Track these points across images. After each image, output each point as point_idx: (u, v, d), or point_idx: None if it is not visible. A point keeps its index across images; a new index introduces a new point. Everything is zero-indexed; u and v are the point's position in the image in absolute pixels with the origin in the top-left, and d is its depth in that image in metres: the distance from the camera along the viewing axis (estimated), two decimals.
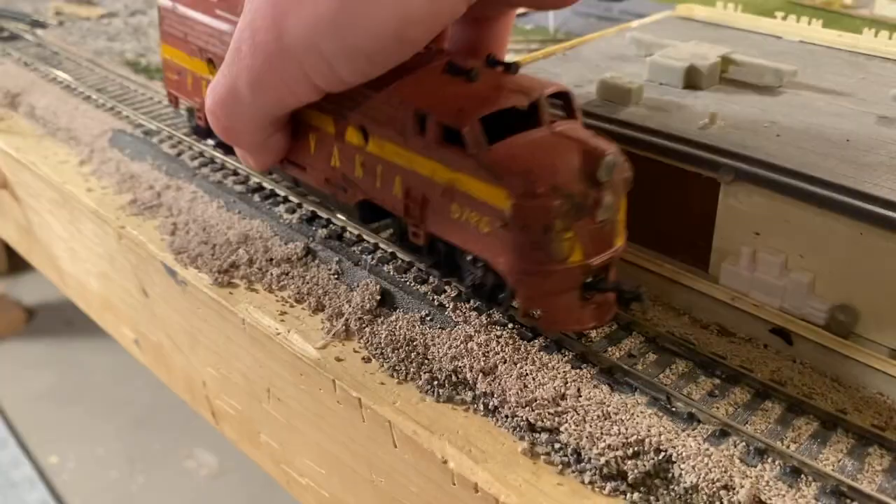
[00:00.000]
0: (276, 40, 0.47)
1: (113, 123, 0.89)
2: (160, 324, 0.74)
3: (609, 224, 0.48)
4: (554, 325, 0.50)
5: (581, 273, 0.48)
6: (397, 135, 0.52)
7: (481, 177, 0.47)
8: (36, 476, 1.64)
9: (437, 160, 0.50)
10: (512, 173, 0.46)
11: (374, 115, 0.53)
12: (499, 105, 0.49)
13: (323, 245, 0.63)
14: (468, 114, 0.48)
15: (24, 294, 2.19)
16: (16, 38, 1.22)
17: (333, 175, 0.59)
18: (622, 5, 1.35)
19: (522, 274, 0.48)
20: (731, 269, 0.55)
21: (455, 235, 0.51)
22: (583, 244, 0.47)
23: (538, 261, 0.47)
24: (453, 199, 0.50)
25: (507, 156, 0.47)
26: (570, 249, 0.47)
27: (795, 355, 0.52)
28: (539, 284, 0.48)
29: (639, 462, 0.43)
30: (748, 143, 0.55)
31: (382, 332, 0.54)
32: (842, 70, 0.70)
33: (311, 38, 0.45)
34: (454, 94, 0.50)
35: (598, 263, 0.48)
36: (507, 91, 0.50)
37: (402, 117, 0.51)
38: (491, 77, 0.52)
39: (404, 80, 0.52)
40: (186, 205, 0.71)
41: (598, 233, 0.48)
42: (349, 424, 0.53)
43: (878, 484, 0.42)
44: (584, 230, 0.47)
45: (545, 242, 0.46)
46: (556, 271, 0.47)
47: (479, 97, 0.49)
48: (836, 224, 0.50)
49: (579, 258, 0.47)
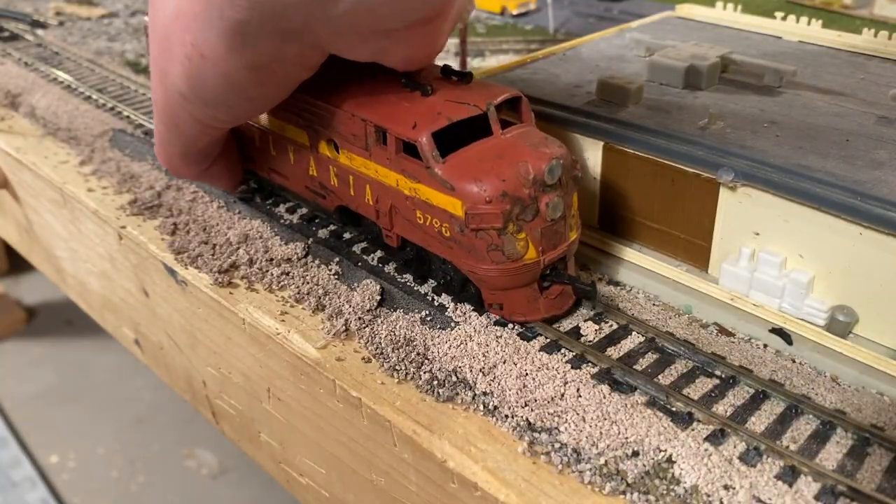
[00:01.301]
0: (163, 90, 0.53)
1: (113, 123, 0.89)
2: (160, 324, 0.74)
3: (560, 222, 0.52)
4: (516, 317, 0.54)
5: (536, 269, 0.52)
6: (362, 149, 0.56)
7: (437, 188, 0.51)
8: (36, 476, 1.64)
9: (399, 172, 0.54)
10: (464, 184, 0.50)
11: (340, 130, 0.57)
12: (451, 118, 0.52)
13: (323, 245, 0.63)
14: (421, 130, 0.51)
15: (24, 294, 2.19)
16: (16, 39, 1.22)
17: (312, 183, 0.63)
18: (622, 5, 1.35)
19: (482, 273, 0.52)
20: (731, 269, 0.55)
21: (422, 239, 0.55)
22: (536, 243, 0.51)
23: (495, 261, 0.51)
24: (416, 207, 0.53)
25: (459, 167, 0.50)
26: (524, 248, 0.51)
27: (795, 355, 0.52)
28: (498, 281, 0.52)
29: (638, 462, 0.43)
30: (748, 143, 0.55)
31: (382, 332, 0.54)
32: (842, 70, 0.70)
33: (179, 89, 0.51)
34: (410, 110, 0.53)
35: (552, 258, 0.52)
36: (460, 103, 0.53)
37: (364, 133, 0.55)
38: (445, 89, 0.54)
39: (366, 97, 0.55)
40: (187, 205, 0.71)
41: (549, 230, 0.51)
42: (349, 424, 0.53)
43: (878, 484, 0.42)
44: (535, 230, 0.51)
45: (500, 244, 0.50)
46: (513, 269, 0.51)
47: (433, 112, 0.52)
48: (836, 224, 0.50)
49: (534, 255, 0.51)
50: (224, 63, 0.47)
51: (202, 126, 0.56)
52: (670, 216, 0.59)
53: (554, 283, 0.53)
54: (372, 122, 0.54)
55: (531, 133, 0.54)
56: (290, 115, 0.61)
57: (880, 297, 0.50)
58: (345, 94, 0.56)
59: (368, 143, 0.55)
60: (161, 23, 0.49)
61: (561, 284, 0.54)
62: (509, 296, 0.53)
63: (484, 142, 0.52)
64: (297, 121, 0.60)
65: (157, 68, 0.52)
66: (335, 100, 0.56)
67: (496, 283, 0.52)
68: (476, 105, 0.52)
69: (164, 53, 0.50)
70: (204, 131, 0.57)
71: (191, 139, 0.58)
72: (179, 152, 0.60)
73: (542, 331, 0.53)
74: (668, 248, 0.60)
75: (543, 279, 0.53)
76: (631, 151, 0.58)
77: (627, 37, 0.77)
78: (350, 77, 0.57)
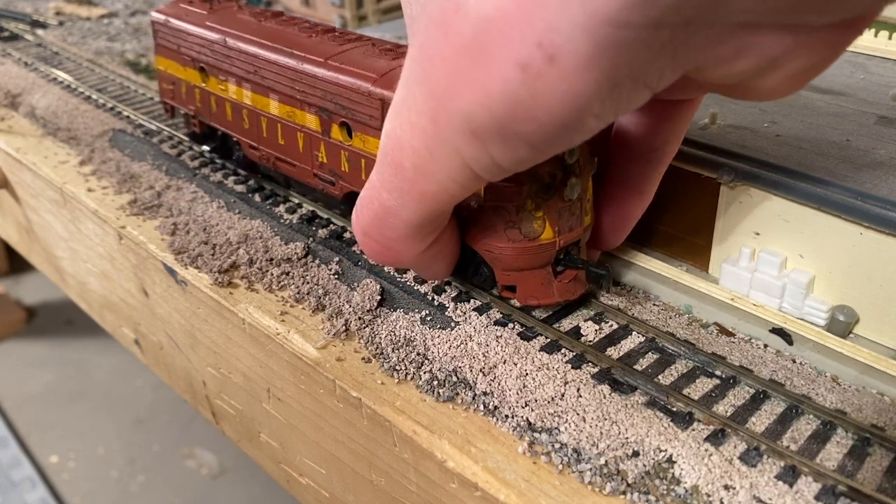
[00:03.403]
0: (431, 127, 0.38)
1: (113, 123, 0.89)
2: (160, 324, 0.74)
3: (577, 203, 0.51)
4: (529, 299, 0.54)
5: (552, 250, 0.51)
6: (378, 130, 0.55)
7: None
8: (36, 476, 1.64)
9: None
10: None
11: (355, 112, 0.56)
12: None
13: (323, 245, 0.63)
14: None
15: (24, 294, 2.19)
16: (16, 39, 1.22)
17: (321, 170, 0.63)
18: None
19: (498, 252, 0.51)
20: (731, 269, 0.55)
21: None
22: (553, 223, 0.50)
23: (512, 239, 0.50)
24: None
25: None
26: (541, 227, 0.50)
27: (796, 355, 0.52)
28: (513, 261, 0.51)
29: (638, 462, 0.43)
30: (748, 143, 0.55)
31: (382, 332, 0.54)
32: (842, 70, 0.70)
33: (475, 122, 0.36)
34: None
35: (567, 241, 0.52)
36: None
37: (382, 113, 0.54)
38: None
39: (384, 78, 0.55)
40: (187, 205, 0.71)
41: (566, 212, 0.51)
42: (349, 424, 0.53)
43: (878, 484, 0.42)
44: (553, 210, 0.50)
45: (517, 222, 0.50)
46: (529, 248, 0.51)
47: None
48: (836, 224, 0.50)
49: (550, 236, 0.51)
50: (583, 74, 0.32)
51: (471, 178, 0.39)
52: (671, 216, 0.59)
53: (568, 267, 0.53)
54: (390, 102, 0.53)
55: None
56: (300, 100, 0.61)
57: (880, 297, 0.50)
58: (361, 74, 0.56)
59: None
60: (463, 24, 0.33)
61: (575, 269, 0.53)
62: (523, 277, 0.52)
63: None
64: (307, 105, 0.60)
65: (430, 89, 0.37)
66: (351, 81, 0.56)
67: (511, 263, 0.52)
68: None
69: (464, 65, 0.34)
70: (467, 187, 0.40)
71: (438, 201, 0.42)
72: (409, 222, 0.44)
73: (543, 331, 0.53)
74: (668, 247, 0.60)
75: (557, 263, 0.53)
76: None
77: None
78: (365, 58, 0.57)
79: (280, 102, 0.64)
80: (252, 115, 0.68)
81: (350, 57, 0.59)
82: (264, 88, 0.65)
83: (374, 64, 0.57)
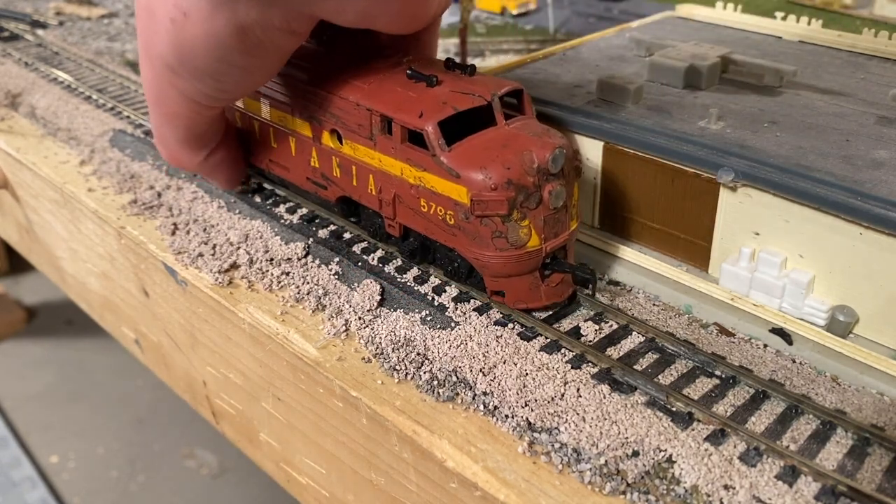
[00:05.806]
0: (150, 66, 0.53)
1: (113, 123, 0.89)
2: (161, 324, 0.74)
3: (562, 210, 0.53)
4: (518, 304, 0.55)
5: (539, 256, 0.53)
6: (367, 139, 0.56)
7: (443, 175, 0.52)
8: (36, 475, 1.64)
9: (404, 161, 0.54)
10: (469, 171, 0.51)
11: (345, 120, 0.57)
12: (456, 108, 0.53)
13: (323, 245, 0.63)
14: (428, 119, 0.52)
15: (24, 294, 2.19)
16: (16, 39, 1.22)
17: (314, 174, 0.63)
18: (622, 5, 1.35)
19: (486, 260, 0.52)
20: (732, 269, 0.55)
21: (426, 227, 0.56)
22: (539, 230, 0.52)
23: (499, 247, 0.52)
24: (421, 195, 0.54)
25: (465, 155, 0.51)
26: (527, 236, 0.52)
27: (795, 355, 0.52)
28: (502, 268, 0.53)
29: (638, 462, 0.43)
30: (748, 143, 0.55)
31: (382, 332, 0.54)
32: (842, 70, 0.70)
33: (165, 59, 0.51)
34: (416, 100, 0.54)
35: (553, 246, 0.53)
36: (465, 94, 0.54)
37: (370, 123, 0.55)
38: (450, 81, 0.55)
39: (371, 88, 0.56)
40: (187, 205, 0.71)
41: (552, 219, 0.52)
42: (349, 424, 0.53)
43: (878, 484, 0.42)
44: (539, 217, 0.52)
45: (504, 231, 0.51)
46: (517, 256, 0.52)
47: (438, 102, 0.53)
48: (836, 224, 0.50)
49: (536, 243, 0.52)
50: (209, 23, 0.47)
51: (192, 104, 0.55)
52: (670, 216, 0.59)
53: (555, 271, 0.54)
54: (378, 112, 0.54)
55: (533, 124, 0.55)
56: (292, 106, 0.62)
57: (880, 297, 0.50)
58: (350, 84, 0.57)
59: (373, 133, 0.55)
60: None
61: (562, 273, 0.54)
62: (511, 283, 0.54)
63: (488, 131, 0.53)
64: (299, 112, 0.61)
65: (143, 43, 0.52)
66: (340, 91, 0.57)
67: (499, 270, 0.53)
68: (481, 96, 0.53)
69: (149, 23, 0.50)
70: (195, 110, 0.56)
71: (183, 121, 0.57)
72: (175, 137, 0.59)
73: (542, 331, 0.53)
74: (668, 248, 0.60)
75: (545, 267, 0.54)
76: (631, 151, 0.59)
77: (627, 37, 0.77)
78: (355, 68, 0.58)
79: (271, 108, 0.64)
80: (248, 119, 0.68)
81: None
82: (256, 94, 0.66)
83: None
